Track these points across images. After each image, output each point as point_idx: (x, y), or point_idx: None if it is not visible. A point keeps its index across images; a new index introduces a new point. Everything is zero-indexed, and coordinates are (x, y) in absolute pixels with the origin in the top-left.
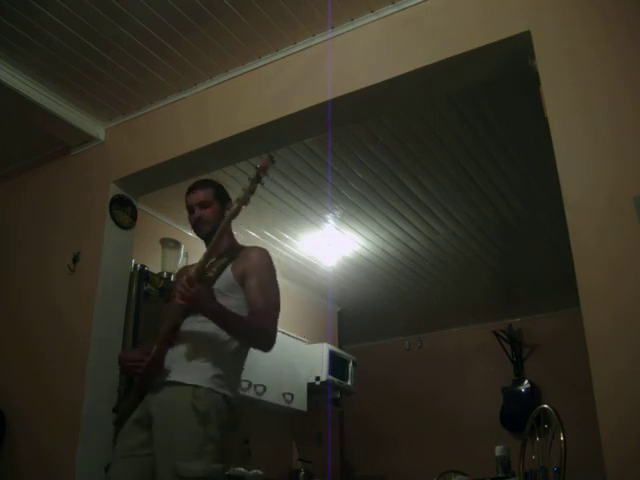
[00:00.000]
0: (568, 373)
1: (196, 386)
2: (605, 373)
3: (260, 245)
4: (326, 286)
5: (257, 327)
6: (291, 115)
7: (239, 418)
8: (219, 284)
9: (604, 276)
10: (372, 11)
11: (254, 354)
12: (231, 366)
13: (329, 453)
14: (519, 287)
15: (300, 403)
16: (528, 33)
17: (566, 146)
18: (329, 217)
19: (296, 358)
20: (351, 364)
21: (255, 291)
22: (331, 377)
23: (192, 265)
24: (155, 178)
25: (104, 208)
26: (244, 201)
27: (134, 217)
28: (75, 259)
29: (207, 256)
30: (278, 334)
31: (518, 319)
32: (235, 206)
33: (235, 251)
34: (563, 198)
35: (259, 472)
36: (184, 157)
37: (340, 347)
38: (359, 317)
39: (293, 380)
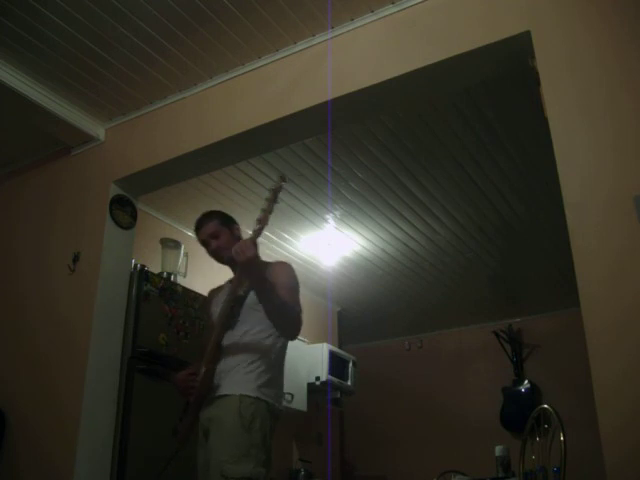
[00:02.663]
0: (568, 373)
1: (243, 395)
2: (605, 373)
3: (258, 244)
4: (326, 286)
5: (289, 304)
6: (291, 115)
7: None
8: (249, 299)
9: (604, 276)
10: (372, 11)
11: None
12: (273, 376)
13: (329, 453)
14: (519, 287)
15: (300, 403)
16: (528, 33)
17: (566, 146)
18: (329, 217)
19: (296, 358)
20: (351, 364)
21: (283, 294)
22: (331, 377)
23: (218, 287)
24: (155, 178)
25: (104, 208)
26: (264, 222)
27: (134, 217)
28: (75, 259)
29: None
30: None
31: (518, 319)
32: (257, 227)
33: (262, 268)
34: (563, 198)
35: None
36: (184, 157)
37: (340, 347)
38: (359, 317)
39: (293, 380)
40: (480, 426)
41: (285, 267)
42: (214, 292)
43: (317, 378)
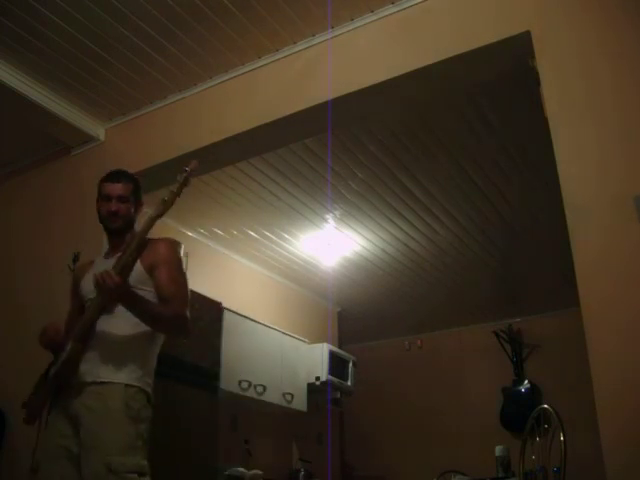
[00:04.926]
0: (568, 373)
1: (127, 385)
2: (606, 377)
3: (258, 245)
4: (326, 286)
5: (171, 313)
6: (291, 115)
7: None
8: (131, 280)
9: (604, 276)
10: (372, 11)
11: (254, 354)
12: (151, 364)
13: (329, 453)
14: (519, 287)
15: (300, 403)
16: (528, 33)
17: (566, 146)
18: (329, 217)
19: (296, 358)
20: (351, 364)
21: (164, 281)
22: (331, 377)
23: (88, 262)
24: (155, 178)
25: None
26: (170, 203)
27: None
28: (75, 259)
29: (129, 256)
30: (278, 334)
31: (518, 319)
32: (162, 207)
33: (143, 244)
34: (563, 198)
35: (258, 472)
36: (184, 157)
37: (340, 347)
38: (359, 317)
39: (293, 380)
40: (480, 426)
41: (167, 246)
42: (84, 268)
43: (317, 378)
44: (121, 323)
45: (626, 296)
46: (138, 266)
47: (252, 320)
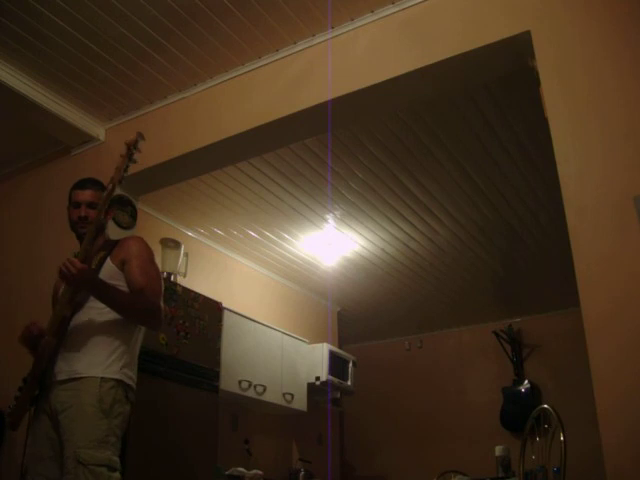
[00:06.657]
0: (568, 373)
1: (103, 379)
2: (607, 380)
3: (258, 245)
4: (326, 286)
5: (143, 302)
6: (291, 115)
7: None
8: (101, 275)
9: (605, 276)
10: (372, 11)
11: (254, 354)
12: (131, 357)
13: (329, 453)
14: (519, 287)
15: (300, 403)
16: (528, 33)
17: (566, 146)
18: (329, 217)
19: (296, 358)
20: (351, 364)
21: (136, 274)
22: (331, 377)
23: None
24: (155, 178)
25: None
26: (116, 179)
27: (134, 217)
28: None
29: (88, 244)
30: (278, 334)
31: (518, 319)
32: (110, 186)
33: (111, 244)
34: (563, 198)
35: (258, 472)
36: (184, 157)
37: (340, 347)
38: (359, 317)
39: (293, 380)
40: (480, 426)
41: (137, 242)
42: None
43: (317, 378)
44: (93, 317)
45: (627, 296)
46: (109, 263)
47: (252, 320)
